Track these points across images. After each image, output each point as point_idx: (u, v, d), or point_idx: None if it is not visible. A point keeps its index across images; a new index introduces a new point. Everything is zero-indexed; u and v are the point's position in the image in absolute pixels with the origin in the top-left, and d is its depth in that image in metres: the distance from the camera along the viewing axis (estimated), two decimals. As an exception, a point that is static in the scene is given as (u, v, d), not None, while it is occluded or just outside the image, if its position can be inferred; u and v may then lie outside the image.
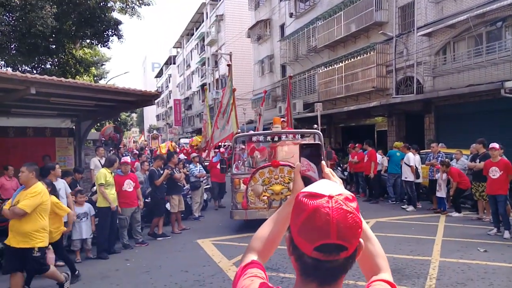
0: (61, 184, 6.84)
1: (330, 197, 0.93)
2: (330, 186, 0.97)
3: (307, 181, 1.15)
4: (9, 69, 8.25)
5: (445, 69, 14.73)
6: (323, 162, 1.18)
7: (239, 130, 11.93)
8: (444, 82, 14.78)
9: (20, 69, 15.96)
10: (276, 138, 9.44)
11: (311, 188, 0.98)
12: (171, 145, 17.80)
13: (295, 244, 0.96)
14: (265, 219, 1.27)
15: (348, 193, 0.96)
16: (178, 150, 17.29)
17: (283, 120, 10.91)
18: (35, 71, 16.05)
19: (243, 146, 10.85)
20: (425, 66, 15.56)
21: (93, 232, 7.59)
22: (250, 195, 8.23)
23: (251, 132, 11.28)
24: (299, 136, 9.89)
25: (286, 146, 10.24)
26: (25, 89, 7.23)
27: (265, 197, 8.12)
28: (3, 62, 15.50)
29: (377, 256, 1.20)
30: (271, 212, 7.48)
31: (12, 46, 15.45)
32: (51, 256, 6.08)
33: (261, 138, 9.60)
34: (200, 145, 13.44)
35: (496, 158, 7.88)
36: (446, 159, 10.16)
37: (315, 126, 11.48)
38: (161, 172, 8.79)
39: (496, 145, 7.87)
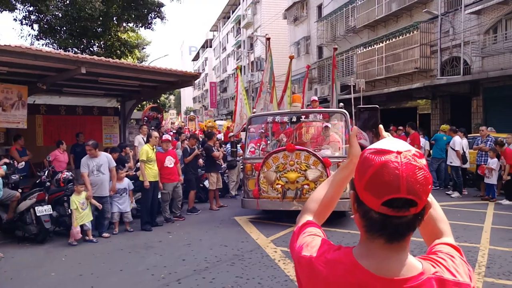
0: (103, 159, 7.06)
1: (399, 152, 0.91)
2: (397, 143, 0.95)
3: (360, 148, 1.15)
4: (62, 51, 8.70)
5: (495, 48, 13.98)
6: (381, 126, 1.16)
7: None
8: (494, 63, 14.06)
9: (70, 51, 16.67)
10: (295, 119, 8.38)
11: (377, 145, 0.96)
12: (205, 125, 17.98)
13: (361, 200, 0.95)
14: (279, 210, 1.22)
15: (416, 150, 0.94)
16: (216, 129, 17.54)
17: (314, 100, 10.14)
18: (83, 53, 16.72)
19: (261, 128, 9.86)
20: (473, 45, 14.84)
21: (135, 207, 7.96)
22: (262, 182, 7.42)
23: (268, 111, 9.90)
24: (321, 117, 8.85)
25: (311, 127, 8.96)
26: (76, 69, 7.65)
27: (279, 186, 7.27)
28: (56, 45, 16.24)
29: (439, 220, 1.17)
30: (285, 202, 7.24)
31: (63, 29, 16.16)
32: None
33: (279, 118, 8.60)
34: (232, 129, 13.27)
35: None
36: (500, 139, 9.58)
37: (341, 104, 10.79)
38: (194, 149, 9.09)
39: None
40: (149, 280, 4.97)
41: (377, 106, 1.21)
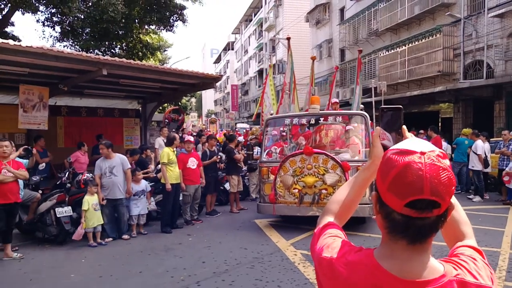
0: (117, 161, 7.03)
1: (422, 153, 0.90)
2: (421, 143, 0.94)
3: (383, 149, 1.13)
4: (84, 52, 8.86)
5: (519, 52, 13.67)
6: (404, 126, 1.15)
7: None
8: (518, 66, 13.73)
9: (92, 52, 16.97)
10: (313, 121, 7.98)
11: (400, 145, 0.96)
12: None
13: (383, 201, 0.94)
14: (296, 216, 1.21)
15: (440, 151, 0.93)
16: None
17: (336, 102, 9.98)
18: (105, 55, 16.99)
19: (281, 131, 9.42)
20: (496, 49, 14.53)
21: (156, 209, 8.00)
22: (278, 186, 7.16)
23: (286, 114, 9.21)
24: (340, 119, 8.25)
25: (330, 130, 8.50)
26: (98, 70, 7.73)
27: (296, 190, 7.02)
28: (78, 47, 16.56)
29: (462, 223, 1.16)
30: (302, 208, 6.97)
31: (85, 31, 16.45)
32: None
33: (297, 120, 8.09)
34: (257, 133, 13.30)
35: None
36: None
37: (362, 106, 10.50)
38: (214, 151, 9.17)
39: None
40: (168, 282, 5.01)
41: (400, 106, 1.20)
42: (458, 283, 0.93)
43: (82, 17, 14.89)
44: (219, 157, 9.22)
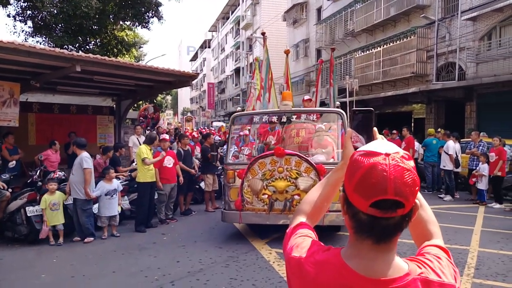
0: (77, 159, 6.70)
1: (387, 154, 0.92)
2: (386, 145, 0.96)
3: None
4: (57, 48, 8.62)
5: (489, 55, 14.11)
6: (375, 128, 1.17)
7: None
8: (488, 69, 14.17)
9: (66, 48, 16.59)
10: (285, 119, 7.27)
11: (366, 147, 0.97)
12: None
13: (350, 201, 0.96)
14: (265, 224, 1.20)
15: (404, 152, 0.96)
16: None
17: (309, 98, 9.27)
18: (80, 51, 16.63)
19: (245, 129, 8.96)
20: (468, 51, 14.95)
21: (130, 208, 7.86)
22: (246, 192, 6.37)
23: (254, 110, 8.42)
24: (315, 117, 7.83)
25: (303, 129, 7.73)
26: (71, 67, 7.56)
27: (265, 196, 6.28)
28: (51, 43, 16.13)
29: (429, 222, 1.19)
30: (272, 216, 6.27)
31: (58, 27, 16.04)
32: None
33: (267, 118, 7.36)
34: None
35: None
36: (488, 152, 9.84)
37: (338, 103, 9.89)
38: (188, 151, 9.05)
39: None
40: (142, 282, 4.95)
41: (372, 109, 1.23)
42: (422, 281, 0.95)
43: (55, 12, 14.48)
44: (195, 172, 9.15)
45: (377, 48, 19.35)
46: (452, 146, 10.40)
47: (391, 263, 0.96)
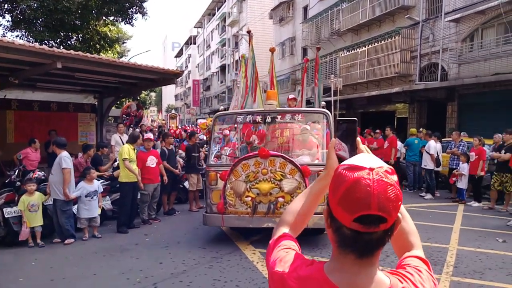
0: (56, 159, 6.55)
1: (371, 169, 0.92)
2: (370, 159, 0.97)
3: (338, 160, 1.16)
4: (37, 44, 8.36)
5: (471, 56, 14.37)
6: (359, 139, 1.18)
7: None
8: (470, 70, 14.44)
9: (47, 44, 16.22)
10: (269, 119, 6.96)
11: (351, 161, 0.98)
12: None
13: (334, 215, 0.96)
14: (248, 228, 1.19)
15: (388, 166, 0.96)
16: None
17: (293, 97, 9.02)
18: (61, 47, 16.29)
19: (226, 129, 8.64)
20: (451, 52, 15.20)
21: (111, 208, 7.74)
22: (228, 194, 6.18)
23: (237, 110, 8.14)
24: (300, 117, 7.24)
25: (287, 130, 7.49)
26: (52, 63, 7.38)
27: (249, 198, 6.10)
28: (31, 38, 15.78)
29: (410, 233, 1.20)
30: (255, 219, 6.09)
31: (39, 22, 15.68)
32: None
33: (251, 118, 6.96)
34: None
35: None
36: (468, 152, 10.04)
37: (323, 103, 9.39)
38: (172, 150, 8.97)
39: None
40: (124, 284, 4.88)
41: (355, 118, 1.23)
42: None
43: (35, 6, 14.13)
44: (179, 172, 9.06)
45: (362, 48, 19.50)
46: (433, 145, 10.60)
47: (373, 277, 0.97)
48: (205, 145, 11.04)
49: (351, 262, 0.97)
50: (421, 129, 12.40)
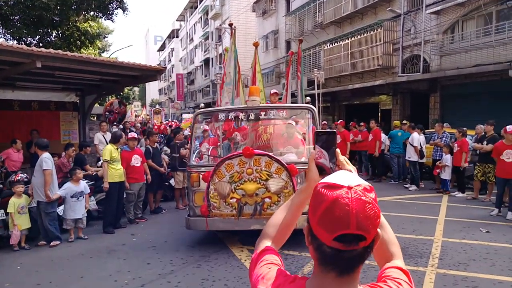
0: (38, 161, 6.47)
1: (349, 188, 0.94)
2: (349, 177, 0.98)
3: (320, 169, 1.18)
4: (15, 42, 8.15)
5: (452, 48, 14.55)
6: (338, 150, 1.19)
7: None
8: (451, 62, 14.62)
9: (25, 41, 15.87)
10: (253, 116, 6.65)
11: (329, 179, 0.99)
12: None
13: (314, 233, 0.97)
14: (234, 230, 1.18)
15: (366, 184, 0.97)
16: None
17: (275, 92, 8.69)
18: (40, 44, 15.95)
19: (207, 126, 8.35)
20: (432, 44, 15.36)
21: (97, 208, 7.66)
22: (212, 196, 5.90)
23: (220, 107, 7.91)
24: (284, 113, 6.83)
25: (270, 126, 7.21)
26: (31, 63, 7.23)
27: (234, 200, 5.86)
28: (9, 35, 15.38)
29: (390, 243, 1.23)
30: (241, 221, 5.86)
31: (16, 18, 15.30)
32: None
33: (233, 115, 6.70)
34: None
35: (511, 141, 7.74)
36: (451, 143, 10.18)
37: (308, 99, 9.07)
38: (157, 148, 8.92)
39: None
40: (111, 286, 4.84)
41: (334, 130, 1.25)
42: None
43: (12, 2, 13.75)
44: (164, 170, 9.01)
45: (345, 41, 19.57)
46: (417, 138, 10.71)
47: None
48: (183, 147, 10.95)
49: (331, 280, 0.98)
50: (404, 121, 12.53)
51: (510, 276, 4.87)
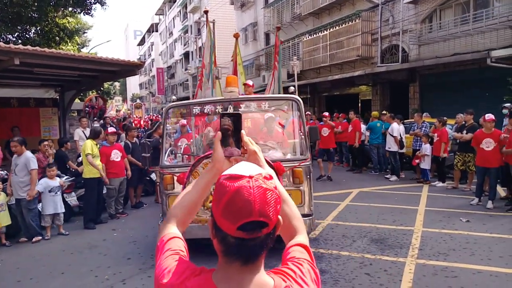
0: (21, 159, 6.38)
1: (250, 177, 0.97)
2: (250, 167, 1.02)
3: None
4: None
5: (430, 37, 14.71)
6: (243, 131, 1.23)
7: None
8: (430, 51, 14.79)
9: (5, 39, 15.53)
10: (231, 109, 5.78)
11: (231, 170, 1.02)
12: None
13: (218, 226, 0.99)
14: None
15: (266, 172, 1.01)
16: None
17: (248, 84, 7.71)
18: (19, 41, 15.63)
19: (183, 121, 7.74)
20: (410, 34, 15.52)
21: (78, 204, 7.61)
22: None
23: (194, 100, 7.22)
24: (266, 105, 6.00)
25: (248, 120, 6.56)
26: (9, 60, 7.15)
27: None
28: None
29: (293, 218, 1.24)
30: None
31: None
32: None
33: (209, 108, 5.80)
34: None
35: (490, 130, 7.73)
36: (430, 134, 10.23)
37: (292, 89, 8.15)
38: (136, 143, 8.84)
39: (492, 117, 7.72)
40: (92, 282, 4.84)
41: (239, 112, 1.28)
42: None
43: (-12, 0, 13.47)
44: (143, 166, 8.94)
45: (323, 32, 19.62)
46: (397, 128, 10.80)
47: (259, 282, 1.01)
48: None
49: (236, 270, 1.00)
50: (384, 112, 12.65)
51: (489, 265, 4.87)
